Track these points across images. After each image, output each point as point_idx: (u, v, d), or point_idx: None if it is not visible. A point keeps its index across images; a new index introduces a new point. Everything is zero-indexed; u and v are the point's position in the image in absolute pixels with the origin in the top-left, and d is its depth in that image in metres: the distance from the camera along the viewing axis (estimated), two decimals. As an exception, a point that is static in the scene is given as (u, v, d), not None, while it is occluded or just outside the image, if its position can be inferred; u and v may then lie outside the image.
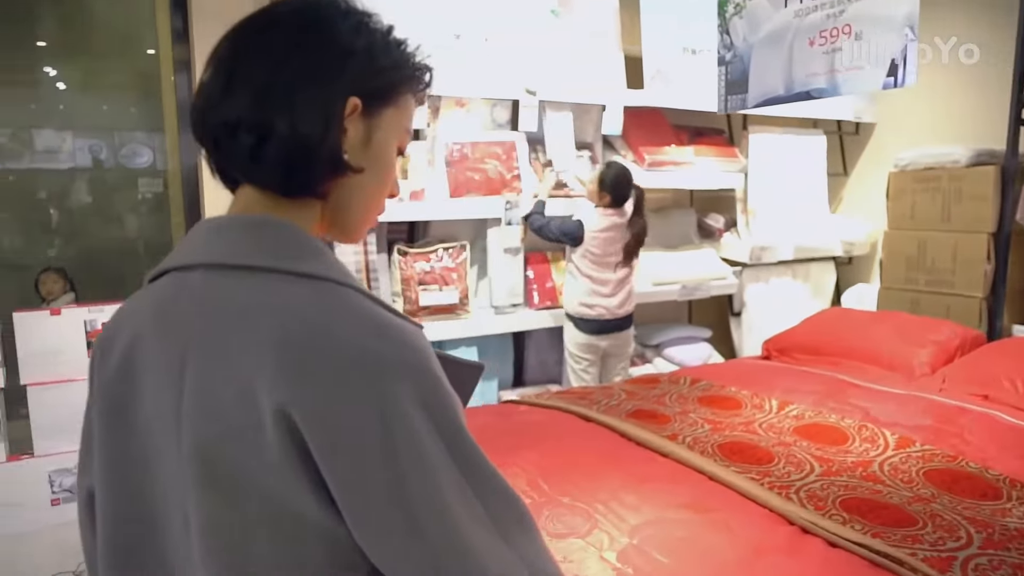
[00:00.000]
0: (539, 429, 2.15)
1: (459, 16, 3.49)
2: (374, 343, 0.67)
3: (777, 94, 2.72)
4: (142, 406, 0.74)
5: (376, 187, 0.81)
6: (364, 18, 0.79)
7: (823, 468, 1.86)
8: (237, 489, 0.68)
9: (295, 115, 0.72)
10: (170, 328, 0.72)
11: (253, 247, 0.72)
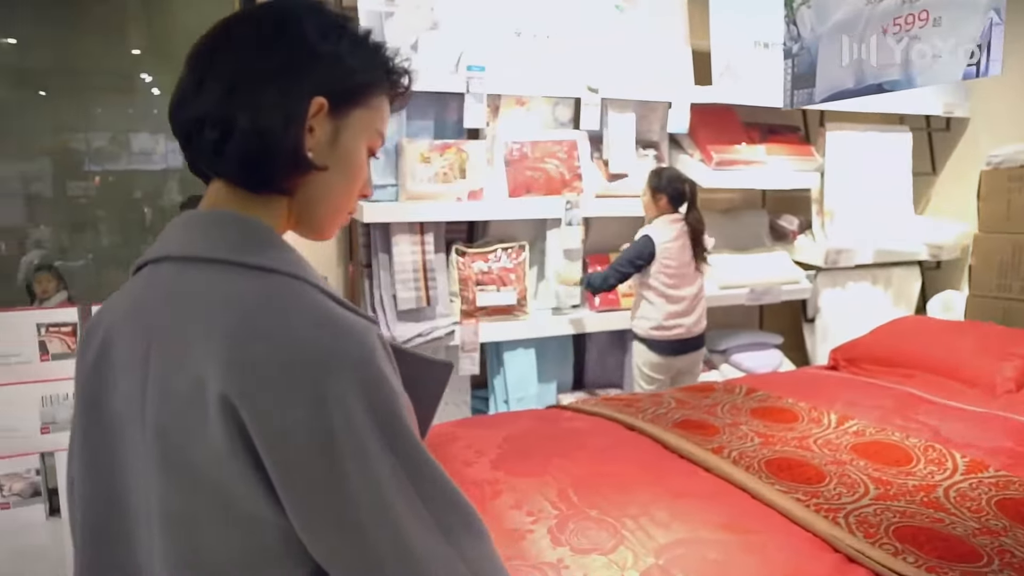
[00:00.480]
0: (579, 437, 2.06)
1: (520, 14, 3.42)
2: (319, 337, 0.68)
3: (846, 88, 2.53)
4: (114, 395, 0.76)
5: (343, 186, 0.82)
6: (337, 21, 0.80)
7: (879, 491, 1.70)
8: (191, 477, 0.69)
9: (257, 111, 0.74)
10: (139, 319, 0.75)
11: (214, 240, 0.75)
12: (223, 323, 0.69)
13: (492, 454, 1.95)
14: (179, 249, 0.76)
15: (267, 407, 0.66)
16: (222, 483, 0.68)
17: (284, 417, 0.66)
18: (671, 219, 3.16)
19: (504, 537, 1.56)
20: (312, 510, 0.68)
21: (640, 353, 3.28)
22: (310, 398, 0.66)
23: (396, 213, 3.23)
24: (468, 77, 3.24)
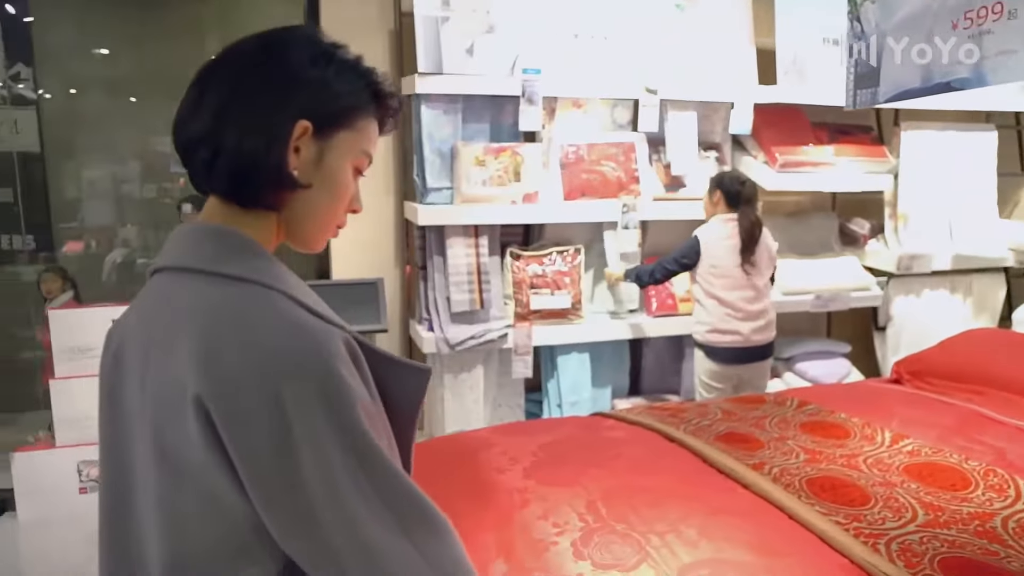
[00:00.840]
0: (617, 446, 2.01)
1: (578, 16, 3.38)
2: (283, 343, 0.74)
3: (912, 87, 2.38)
4: (126, 394, 0.84)
5: (328, 203, 0.88)
6: (326, 48, 0.86)
7: (929, 517, 1.59)
8: (179, 472, 0.76)
9: (243, 133, 0.81)
10: (143, 324, 0.83)
11: (200, 252, 0.82)
12: (199, 329, 0.76)
13: (526, 462, 1.93)
14: (173, 260, 0.84)
15: (232, 408, 0.73)
16: (204, 478, 0.75)
17: (246, 417, 0.73)
18: (724, 219, 3.09)
19: (529, 548, 1.53)
20: (273, 505, 0.74)
21: (698, 360, 3.20)
22: (270, 400, 0.72)
23: (450, 216, 3.24)
24: (523, 80, 3.22)
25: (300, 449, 0.72)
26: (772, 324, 3.17)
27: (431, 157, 3.25)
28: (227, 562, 0.77)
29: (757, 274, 3.09)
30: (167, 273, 0.84)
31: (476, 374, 3.41)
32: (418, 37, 3.14)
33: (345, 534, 0.73)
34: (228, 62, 0.86)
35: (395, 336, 3.61)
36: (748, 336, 3.07)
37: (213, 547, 0.77)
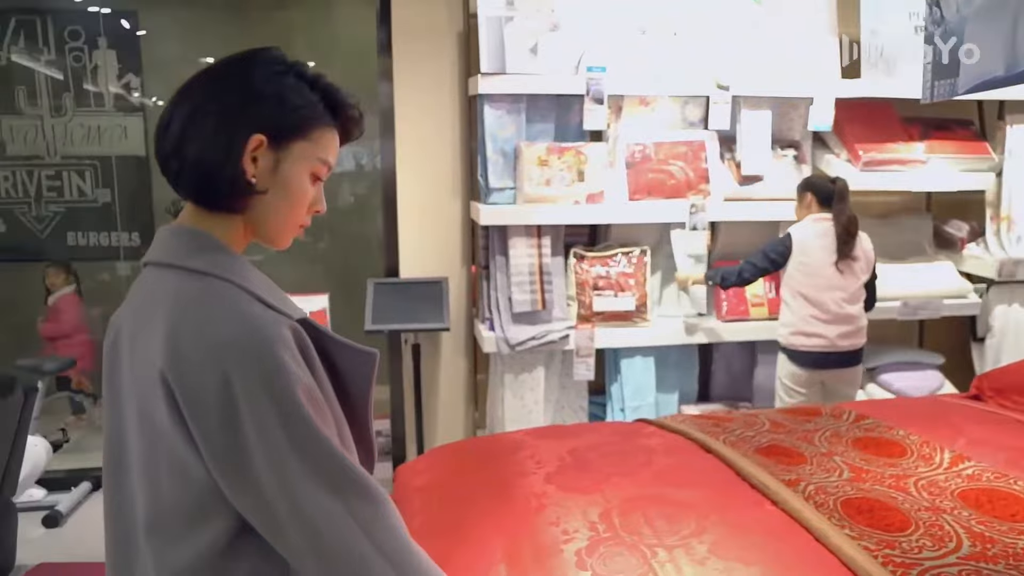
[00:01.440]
0: (648, 455, 1.93)
1: (646, 11, 3.28)
2: (232, 330, 0.85)
3: (995, 76, 2.16)
4: (122, 373, 0.94)
5: (287, 206, 0.96)
6: (284, 67, 0.94)
7: (975, 549, 1.43)
8: (155, 440, 0.88)
9: (203, 147, 0.90)
10: (134, 313, 0.94)
11: (173, 249, 0.93)
12: (166, 316, 0.87)
13: (551, 466, 1.88)
14: (154, 256, 0.95)
15: (187, 385, 0.84)
16: (173, 446, 0.86)
17: (199, 392, 0.84)
18: (816, 218, 2.97)
19: (533, 554, 1.49)
20: (223, 471, 0.85)
21: (781, 363, 3.06)
22: (219, 378, 0.83)
23: (512, 216, 3.22)
24: (588, 78, 3.16)
25: (244, 424, 0.83)
26: (862, 331, 3.00)
27: (494, 157, 3.24)
28: (192, 521, 0.88)
29: (851, 275, 2.94)
30: (152, 267, 0.95)
31: (537, 375, 3.37)
32: (481, 38, 3.13)
33: (283, 498, 0.84)
34: (195, 84, 0.94)
35: (460, 335, 3.63)
36: (833, 340, 2.91)
37: (180, 507, 0.88)
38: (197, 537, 0.88)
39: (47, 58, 4.30)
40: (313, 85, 0.96)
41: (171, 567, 0.89)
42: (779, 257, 2.98)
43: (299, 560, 0.87)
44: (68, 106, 4.34)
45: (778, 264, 2.99)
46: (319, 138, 0.96)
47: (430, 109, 3.49)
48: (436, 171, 3.53)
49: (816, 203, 2.98)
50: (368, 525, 0.86)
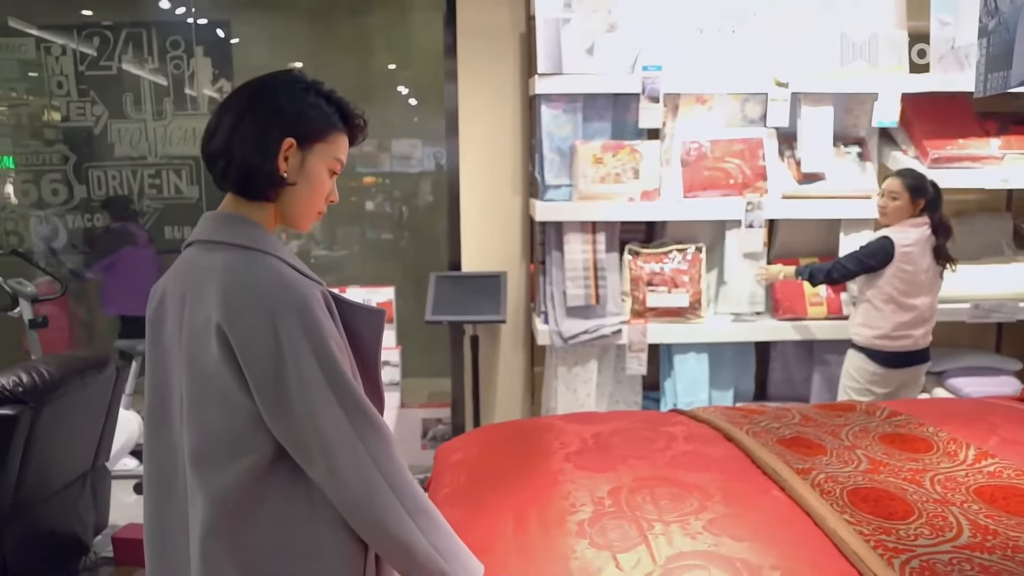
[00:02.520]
0: (669, 441, 2.00)
1: (704, 10, 3.32)
2: (273, 290, 1.09)
3: (1045, 68, 2.12)
4: (165, 328, 1.18)
5: (310, 195, 1.20)
6: (304, 86, 1.19)
7: (974, 539, 1.45)
8: (203, 377, 1.10)
9: (246, 150, 1.14)
10: (178, 280, 1.18)
11: (218, 230, 1.17)
12: (220, 281, 1.10)
13: (573, 447, 1.99)
14: (201, 236, 1.18)
15: (241, 331, 1.07)
16: (220, 382, 1.09)
17: (251, 338, 1.07)
18: (914, 222, 2.92)
19: (541, 521, 1.61)
20: (266, 400, 1.08)
21: (857, 362, 3.03)
22: (265, 326, 1.07)
23: (567, 212, 3.34)
24: (644, 77, 3.23)
25: (286, 362, 1.07)
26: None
27: (550, 155, 3.36)
28: (233, 451, 1.10)
29: (939, 277, 2.97)
30: (196, 245, 1.18)
31: (590, 368, 3.47)
32: (538, 39, 3.26)
33: (310, 422, 1.08)
34: (235, 100, 1.19)
35: (519, 328, 3.76)
36: (917, 340, 2.95)
37: (224, 439, 1.10)
38: (237, 464, 1.09)
39: (151, 66, 4.69)
40: (328, 99, 1.20)
41: (215, 491, 1.09)
42: (877, 264, 2.90)
43: (320, 476, 1.09)
44: (168, 110, 4.72)
45: (873, 269, 2.91)
46: (334, 140, 1.21)
47: (492, 108, 3.64)
48: (498, 169, 3.68)
49: (921, 207, 2.93)
50: (373, 452, 1.10)
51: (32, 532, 2.61)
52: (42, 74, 4.62)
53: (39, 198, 4.72)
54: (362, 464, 1.09)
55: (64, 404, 2.57)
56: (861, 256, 2.92)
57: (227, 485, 1.09)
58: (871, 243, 2.93)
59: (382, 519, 1.10)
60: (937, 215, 2.93)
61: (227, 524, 1.10)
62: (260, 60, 5.01)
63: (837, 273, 2.97)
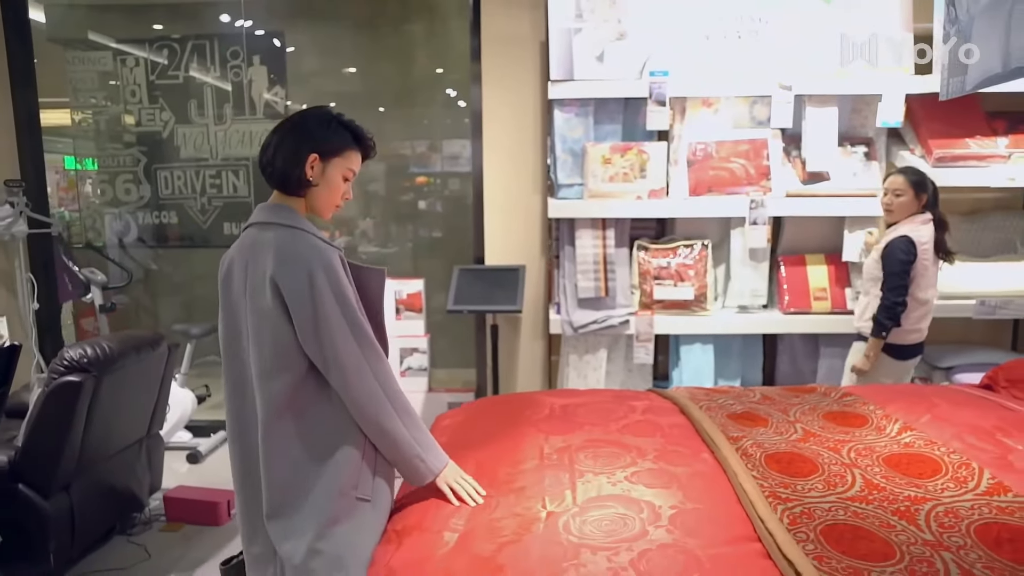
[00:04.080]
0: (628, 414, 2.28)
1: (709, 17, 3.56)
2: (307, 254, 1.62)
3: (995, 72, 2.30)
4: (233, 285, 1.70)
5: (327, 194, 1.75)
6: (328, 118, 1.73)
7: (860, 492, 1.68)
8: (261, 315, 1.63)
9: (285, 161, 1.69)
10: (242, 252, 1.70)
11: (269, 216, 1.70)
12: (273, 248, 1.63)
13: (543, 414, 2.29)
14: (259, 219, 1.72)
15: (286, 282, 1.60)
16: (272, 319, 1.62)
17: (293, 286, 1.59)
18: (922, 219, 3.04)
19: (492, 467, 1.91)
20: (302, 329, 1.61)
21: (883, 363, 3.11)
22: (304, 278, 1.60)
23: (578, 209, 3.63)
24: (651, 82, 3.49)
25: (316, 301, 1.60)
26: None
27: (563, 156, 3.66)
28: (280, 367, 1.63)
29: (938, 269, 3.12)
30: (254, 227, 1.71)
31: (600, 356, 3.75)
32: (551, 47, 3.57)
33: (330, 346, 1.61)
34: (282, 127, 1.74)
35: (538, 319, 4.07)
36: (924, 332, 3.13)
37: (274, 359, 1.63)
38: (284, 375, 1.64)
39: (213, 75, 5.18)
40: (346, 127, 1.74)
41: (269, 394, 1.65)
42: (911, 266, 2.99)
43: (336, 384, 1.64)
44: (228, 115, 5.20)
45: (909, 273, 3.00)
46: (348, 156, 1.75)
47: (514, 112, 3.96)
48: (519, 169, 4.00)
49: (924, 202, 3.05)
50: (374, 368, 1.65)
51: (95, 486, 3.07)
52: (119, 83, 5.17)
53: (114, 197, 5.29)
54: (365, 376, 1.64)
55: (122, 375, 3.02)
56: (902, 270, 2.96)
57: (277, 389, 1.64)
58: (898, 250, 2.97)
59: (376, 416, 1.65)
60: (937, 210, 3.07)
61: (277, 416, 1.64)
62: (312, 66, 5.46)
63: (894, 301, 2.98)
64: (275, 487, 1.66)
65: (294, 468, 1.65)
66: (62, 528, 2.88)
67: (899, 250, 2.97)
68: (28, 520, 2.80)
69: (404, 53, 5.45)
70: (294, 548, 1.65)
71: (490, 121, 4.00)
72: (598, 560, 1.43)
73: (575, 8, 3.59)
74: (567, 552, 1.47)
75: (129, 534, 3.31)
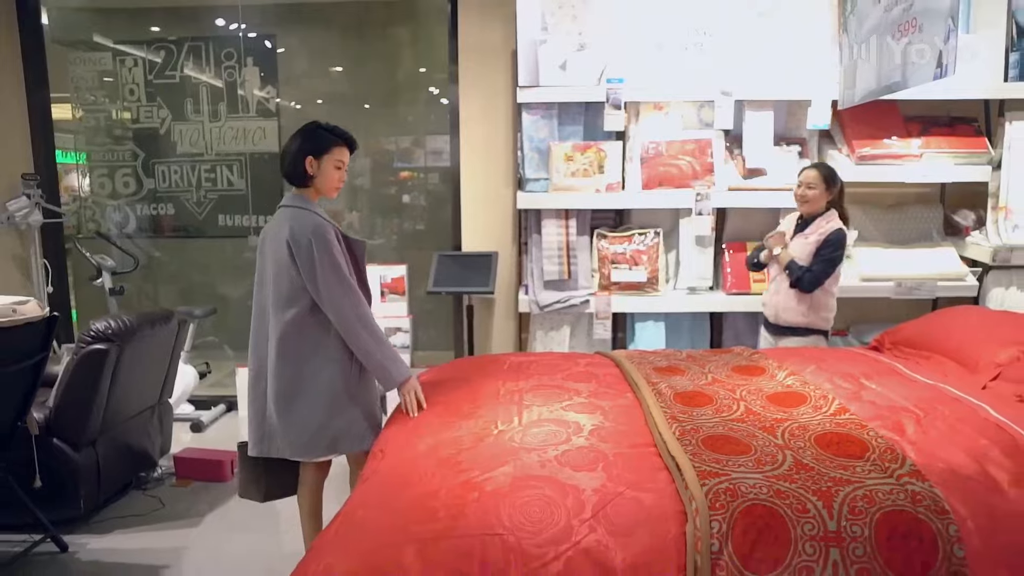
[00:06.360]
0: (571, 367, 2.85)
1: (661, 29, 4.13)
2: (311, 226, 2.51)
3: (872, 88, 2.89)
4: (266, 251, 2.60)
5: (325, 182, 2.61)
6: (316, 127, 2.60)
7: (739, 414, 2.26)
8: (280, 268, 2.53)
9: (292, 162, 2.59)
10: (271, 224, 2.62)
11: (289, 201, 2.62)
12: (289, 222, 2.52)
13: (503, 368, 2.87)
14: (283, 203, 2.63)
15: (296, 244, 2.48)
16: (287, 268, 2.50)
17: (300, 247, 2.47)
18: (838, 214, 3.45)
19: (457, 405, 2.47)
20: (307, 276, 2.48)
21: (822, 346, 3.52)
22: (307, 242, 2.47)
23: (543, 201, 4.20)
24: (608, 89, 4.07)
25: (314, 258, 2.45)
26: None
27: (530, 154, 4.24)
28: (291, 300, 2.50)
29: None
30: (282, 208, 2.59)
31: (564, 333, 4.33)
32: (520, 56, 4.14)
33: (324, 288, 2.46)
34: (289, 141, 2.59)
35: (510, 300, 4.64)
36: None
37: (287, 295, 2.50)
38: (293, 308, 2.49)
39: (208, 75, 5.70)
40: (329, 131, 2.59)
41: (283, 322, 2.50)
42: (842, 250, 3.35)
43: (330, 315, 2.46)
44: (222, 113, 5.72)
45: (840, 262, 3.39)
46: (335, 151, 2.58)
47: (488, 113, 4.54)
48: (492, 164, 4.58)
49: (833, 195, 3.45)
50: (353, 303, 2.48)
51: (117, 444, 3.63)
52: (117, 82, 5.69)
53: (113, 189, 5.81)
54: (344, 307, 2.47)
55: (140, 346, 3.57)
56: (834, 260, 3.34)
57: (288, 318, 2.50)
58: (833, 241, 3.33)
59: (356, 337, 2.49)
60: (842, 207, 3.53)
61: (287, 334, 2.50)
62: (302, 67, 6.00)
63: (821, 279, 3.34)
64: (283, 383, 2.51)
65: (298, 371, 2.50)
66: (90, 477, 3.42)
67: (839, 242, 3.37)
68: (61, 469, 3.34)
69: (389, 55, 6.00)
70: (297, 432, 2.52)
71: (466, 121, 4.57)
72: (532, 456, 2.01)
73: (541, 21, 4.16)
74: (510, 452, 2.04)
75: (144, 488, 3.86)
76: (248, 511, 3.56)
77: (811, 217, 3.49)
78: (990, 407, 2.24)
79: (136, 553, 3.23)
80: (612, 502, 1.78)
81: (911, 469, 1.87)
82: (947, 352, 2.78)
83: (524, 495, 1.81)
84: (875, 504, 1.74)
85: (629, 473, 1.91)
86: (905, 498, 1.75)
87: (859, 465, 1.92)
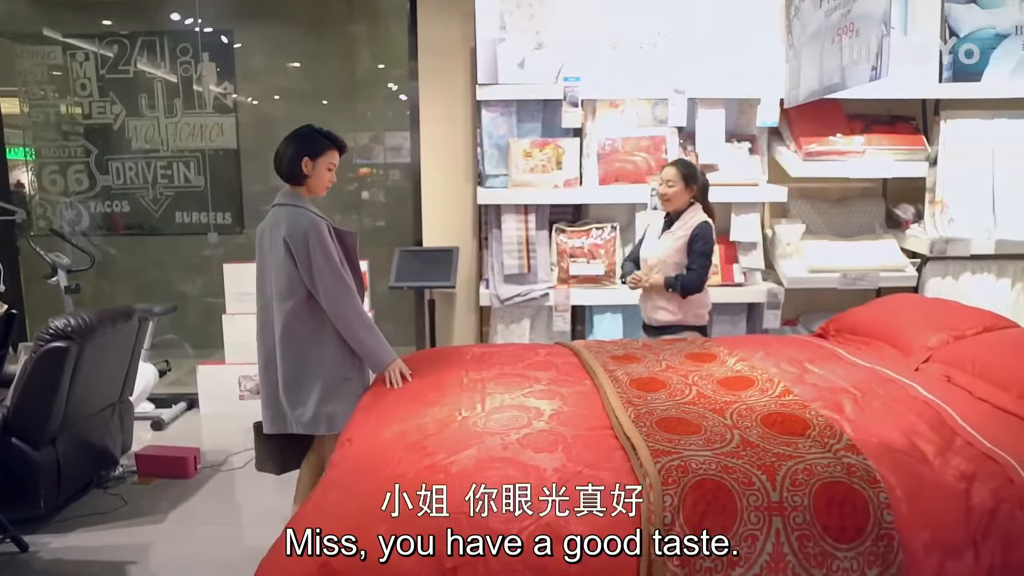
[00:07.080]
0: (531, 357, 2.98)
1: (616, 29, 4.28)
2: (306, 223, 2.79)
3: (814, 89, 3.06)
4: (264, 244, 2.88)
5: (317, 182, 2.90)
6: (316, 132, 2.89)
7: (691, 398, 2.41)
8: (279, 263, 2.81)
9: (289, 162, 2.86)
10: (269, 222, 2.88)
11: (284, 199, 2.89)
12: (286, 220, 2.80)
13: (466, 359, 2.98)
14: (278, 201, 2.89)
15: (293, 240, 2.76)
16: (286, 263, 2.79)
17: (297, 243, 2.76)
18: (700, 207, 3.56)
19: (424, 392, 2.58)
20: (303, 270, 2.78)
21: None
22: (303, 237, 2.76)
23: (503, 197, 4.32)
24: (565, 87, 4.20)
25: (310, 253, 2.75)
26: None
27: (490, 151, 4.35)
28: (290, 292, 2.80)
29: None
30: (277, 206, 2.86)
31: (524, 325, 4.46)
32: (479, 54, 4.25)
33: (320, 280, 2.77)
34: (285, 141, 2.86)
35: (471, 294, 4.76)
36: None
37: (287, 287, 2.80)
38: (292, 299, 2.80)
39: (163, 70, 5.69)
40: (324, 135, 2.86)
41: (284, 310, 2.81)
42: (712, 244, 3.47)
43: (325, 305, 2.77)
44: (178, 108, 5.72)
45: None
46: (328, 154, 2.87)
47: (447, 110, 4.64)
48: (452, 161, 4.68)
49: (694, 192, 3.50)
50: (344, 295, 2.79)
51: (77, 442, 3.65)
52: (68, 76, 5.64)
53: (65, 186, 5.77)
54: (337, 299, 2.76)
55: (100, 343, 3.60)
56: (707, 253, 3.40)
57: (288, 308, 2.80)
58: (705, 235, 3.40)
59: (348, 326, 2.79)
60: (707, 202, 3.54)
61: (289, 324, 2.80)
62: (259, 64, 6.02)
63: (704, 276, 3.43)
64: (288, 367, 2.83)
65: (300, 356, 2.83)
66: (50, 476, 3.44)
67: (708, 234, 3.43)
68: (21, 469, 3.35)
69: (347, 51, 6.06)
70: (302, 410, 2.85)
71: (426, 118, 4.67)
72: (495, 439, 2.13)
73: (499, 20, 4.27)
74: (474, 437, 2.16)
75: (105, 486, 3.89)
76: (211, 507, 3.63)
77: (676, 214, 3.53)
78: (921, 387, 2.42)
79: (99, 551, 3.27)
80: (571, 480, 1.91)
81: (847, 444, 2.03)
82: (885, 338, 2.97)
83: (488, 475, 1.93)
84: (814, 476, 1.89)
85: (587, 453, 2.04)
86: (841, 470, 1.91)
87: (800, 442, 2.07)
